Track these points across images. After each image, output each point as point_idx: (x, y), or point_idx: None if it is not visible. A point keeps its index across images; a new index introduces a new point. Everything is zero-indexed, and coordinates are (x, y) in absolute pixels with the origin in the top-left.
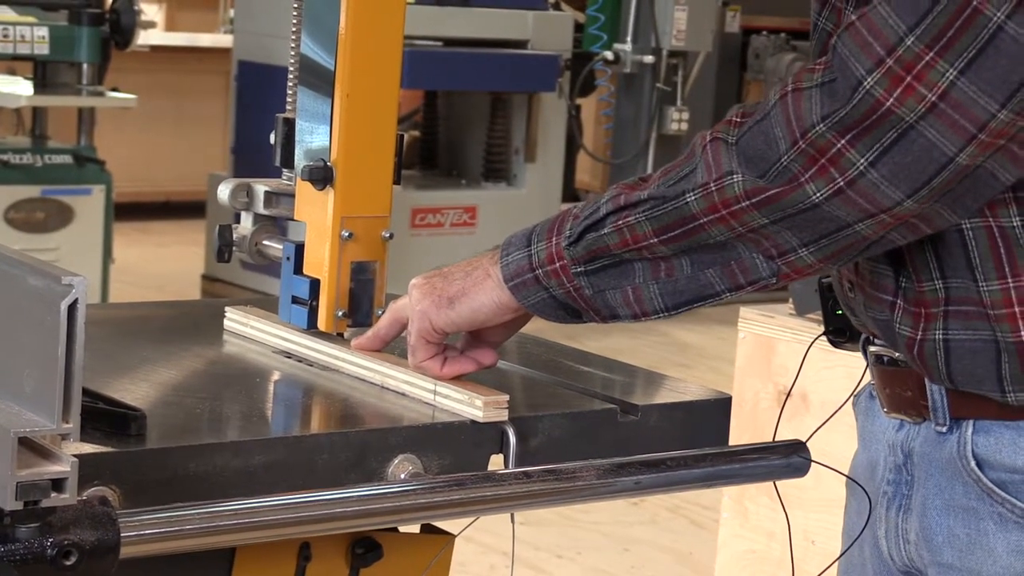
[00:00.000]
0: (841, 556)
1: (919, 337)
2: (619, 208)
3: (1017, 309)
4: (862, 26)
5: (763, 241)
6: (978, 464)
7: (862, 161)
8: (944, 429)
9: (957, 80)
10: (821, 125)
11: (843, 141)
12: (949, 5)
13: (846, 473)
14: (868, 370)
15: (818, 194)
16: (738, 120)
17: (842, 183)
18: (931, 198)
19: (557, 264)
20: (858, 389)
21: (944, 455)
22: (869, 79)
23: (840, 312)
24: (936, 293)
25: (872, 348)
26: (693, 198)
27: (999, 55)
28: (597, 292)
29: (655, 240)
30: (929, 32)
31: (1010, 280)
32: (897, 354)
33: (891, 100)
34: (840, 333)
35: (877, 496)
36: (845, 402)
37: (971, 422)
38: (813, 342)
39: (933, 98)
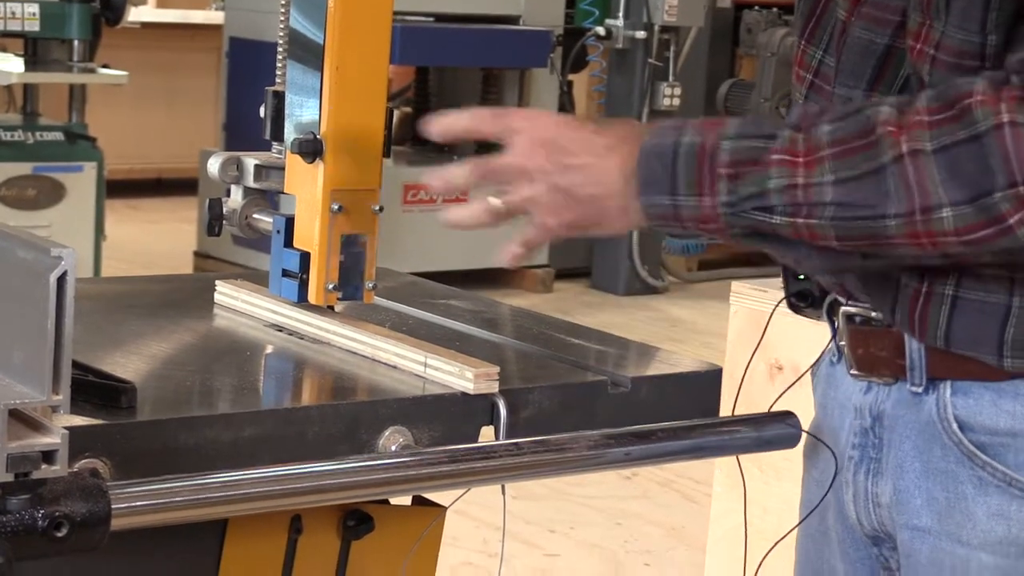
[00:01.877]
0: (798, 525)
1: (925, 290)
2: (796, 204)
3: None
4: None
5: (956, 258)
6: (959, 426)
7: None
8: (920, 390)
9: None
10: None
11: None
12: None
13: (819, 438)
14: (835, 333)
15: None
16: (933, 120)
17: None
18: None
19: (711, 225)
20: (817, 360)
21: (922, 417)
22: None
23: (802, 277)
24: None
25: (844, 308)
26: (894, 223)
27: None
28: (752, 245)
29: (835, 243)
30: None
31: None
32: (874, 312)
33: None
34: (802, 297)
35: (843, 461)
36: (805, 372)
37: (948, 383)
38: (778, 303)
39: None
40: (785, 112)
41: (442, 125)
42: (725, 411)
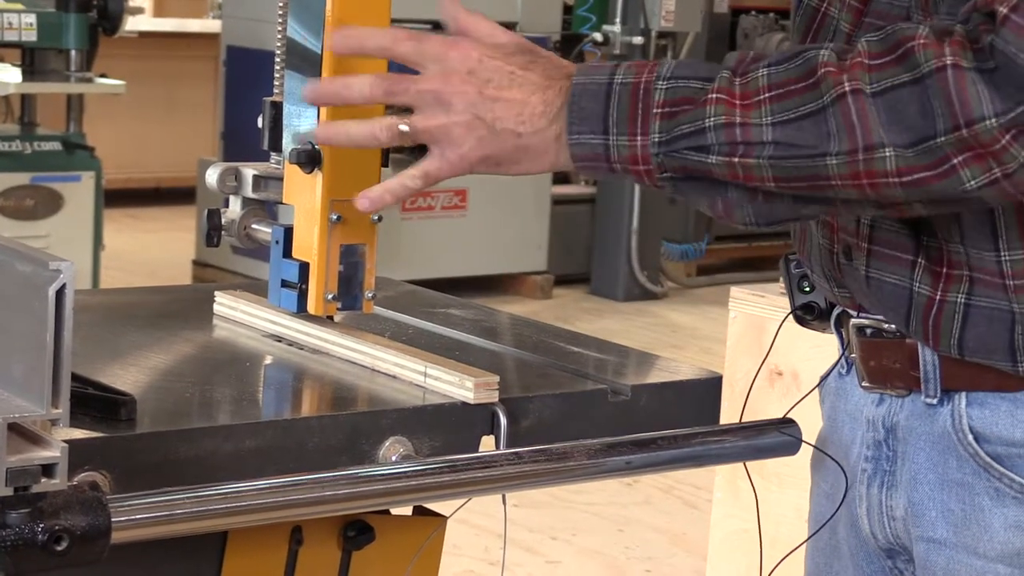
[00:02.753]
0: (808, 539)
1: (938, 298)
2: (733, 142)
3: None
4: (1021, 19)
5: (889, 207)
6: (975, 437)
7: (1022, 157)
8: (935, 401)
9: None
10: (992, 120)
11: (1008, 137)
12: None
13: (828, 453)
14: (844, 346)
15: (972, 182)
16: (879, 63)
17: (999, 174)
18: None
19: (641, 167)
20: (824, 375)
21: (936, 428)
22: None
23: (808, 290)
24: (960, 255)
25: (855, 320)
26: (834, 162)
27: None
28: (680, 192)
29: (772, 184)
30: None
31: (1006, 250)
32: (887, 324)
33: None
34: (808, 310)
35: (856, 474)
36: (812, 390)
37: (963, 394)
38: (785, 318)
39: None
40: None
41: (348, 38)
42: (726, 417)
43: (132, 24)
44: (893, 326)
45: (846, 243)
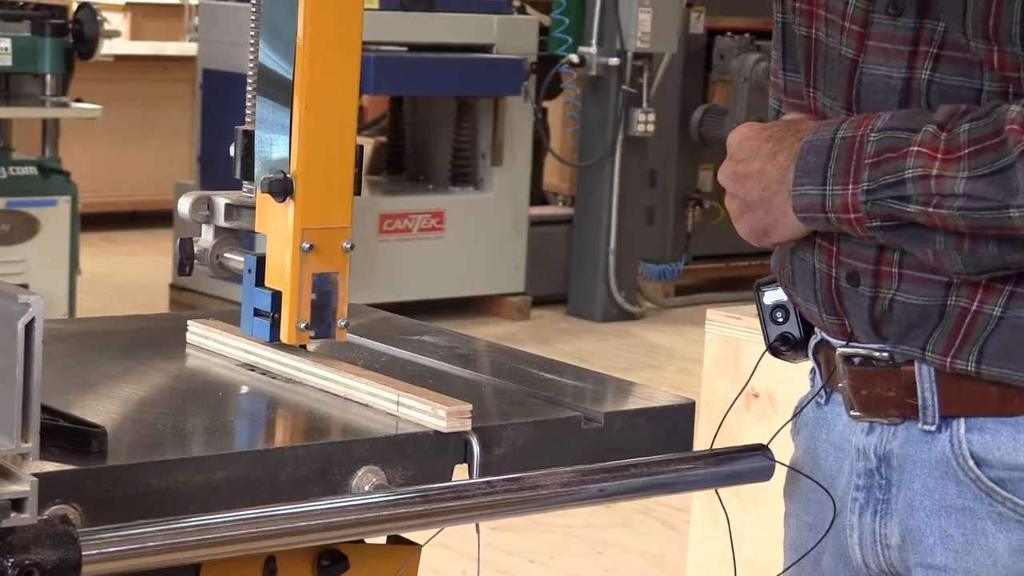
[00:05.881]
0: (789, 569)
1: (974, 308)
2: (929, 194)
3: None
4: None
5: None
6: (976, 463)
7: None
8: (933, 428)
9: None
10: None
11: None
12: None
13: (818, 481)
14: (823, 375)
15: None
16: None
17: None
18: None
19: (852, 216)
20: (800, 405)
21: (934, 455)
22: None
23: (781, 320)
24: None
25: (843, 349)
26: (1017, 214)
27: None
28: (892, 240)
29: (967, 231)
30: None
31: None
32: (879, 352)
33: None
34: (784, 341)
35: (845, 503)
36: (788, 422)
37: (962, 420)
38: (764, 352)
39: None
40: None
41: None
42: (702, 437)
43: (108, 48)
44: (886, 354)
45: (852, 269)
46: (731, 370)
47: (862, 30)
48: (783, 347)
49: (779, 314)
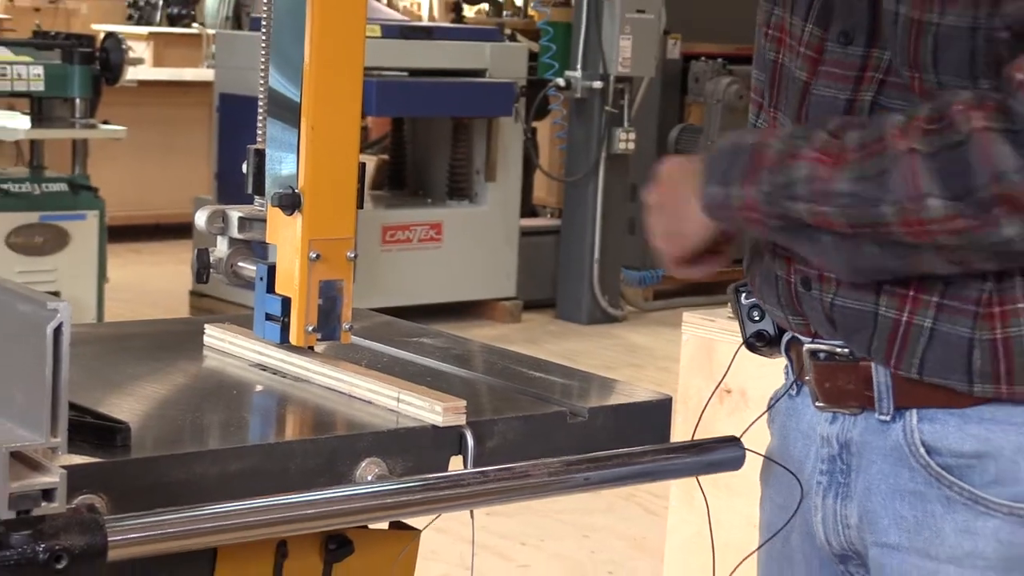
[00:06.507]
0: (761, 547)
1: (904, 319)
2: (815, 192)
3: (996, 310)
4: None
5: (950, 253)
6: (927, 450)
7: None
8: (888, 418)
9: None
10: (1016, 175)
11: None
12: None
13: (785, 466)
14: (795, 369)
15: (1009, 229)
16: (928, 128)
17: None
18: None
19: (753, 214)
20: (774, 397)
21: (889, 443)
22: None
23: (758, 319)
24: (935, 284)
25: (809, 346)
26: (890, 210)
27: None
28: (788, 242)
29: (848, 229)
30: None
31: (991, 281)
32: (840, 348)
33: None
34: (759, 338)
35: (811, 487)
36: (765, 412)
37: (915, 411)
38: (739, 348)
39: None
40: None
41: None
42: (680, 429)
43: (132, 73)
44: (847, 350)
45: (804, 275)
46: (706, 368)
47: (817, 56)
48: (759, 343)
49: (755, 313)
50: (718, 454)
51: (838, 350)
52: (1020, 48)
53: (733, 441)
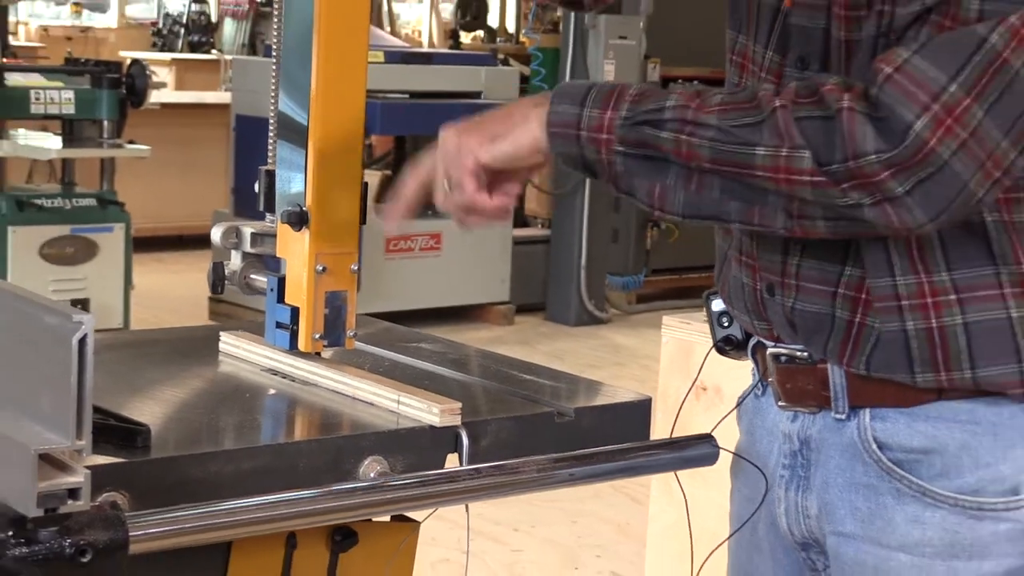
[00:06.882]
0: (731, 536)
1: (858, 321)
2: (685, 120)
3: (929, 300)
4: (902, 78)
5: (795, 203)
6: (879, 446)
7: (899, 189)
8: (843, 416)
9: (983, 119)
10: (873, 156)
11: (887, 173)
12: (984, 57)
13: (752, 461)
14: (760, 372)
15: (860, 201)
16: (802, 100)
17: (880, 198)
18: (947, 220)
19: (603, 135)
20: (742, 397)
21: (844, 439)
22: (919, 123)
23: (727, 324)
24: (889, 289)
25: (772, 349)
26: (761, 152)
27: (1013, 95)
28: (627, 172)
29: (707, 164)
30: (967, 81)
31: (923, 275)
32: (800, 352)
33: (934, 140)
34: (728, 342)
35: (774, 480)
36: (734, 409)
37: (868, 410)
38: (710, 350)
39: (964, 135)
40: None
41: (392, 217)
42: (659, 425)
43: (155, 97)
44: (806, 354)
45: (769, 282)
46: (683, 367)
47: (776, 80)
48: (727, 347)
49: (724, 319)
50: (694, 451)
51: (798, 354)
52: (892, 46)
53: (707, 439)
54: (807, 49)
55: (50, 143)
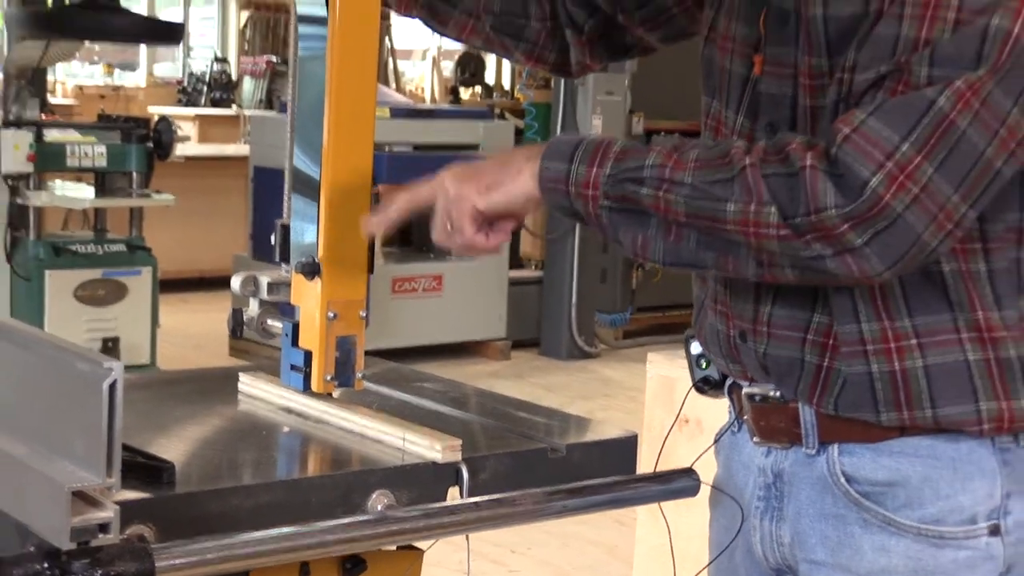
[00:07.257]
0: (711, 563)
1: (826, 365)
2: (663, 179)
3: (892, 345)
4: (859, 138)
5: (764, 255)
6: (847, 479)
7: (858, 241)
8: (813, 452)
9: (933, 175)
10: (833, 211)
11: (846, 226)
12: (932, 119)
13: (729, 494)
14: (736, 410)
15: (822, 253)
16: (772, 158)
17: (841, 250)
18: (903, 269)
19: (590, 191)
20: (719, 433)
21: (815, 473)
22: (874, 180)
23: (704, 366)
24: (855, 335)
25: (746, 390)
26: (732, 208)
27: (960, 153)
28: (612, 224)
29: (683, 218)
30: (918, 141)
31: (886, 321)
32: (773, 392)
33: (888, 195)
34: (706, 382)
35: (750, 510)
36: (711, 445)
37: (836, 445)
38: (692, 387)
39: (916, 191)
40: None
41: (374, 225)
42: (643, 455)
43: (180, 150)
44: (778, 393)
45: (741, 329)
46: (667, 401)
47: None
48: (706, 387)
49: (702, 361)
50: (677, 484)
51: (771, 393)
52: (849, 108)
53: (689, 472)
54: (776, 115)
55: (84, 193)
